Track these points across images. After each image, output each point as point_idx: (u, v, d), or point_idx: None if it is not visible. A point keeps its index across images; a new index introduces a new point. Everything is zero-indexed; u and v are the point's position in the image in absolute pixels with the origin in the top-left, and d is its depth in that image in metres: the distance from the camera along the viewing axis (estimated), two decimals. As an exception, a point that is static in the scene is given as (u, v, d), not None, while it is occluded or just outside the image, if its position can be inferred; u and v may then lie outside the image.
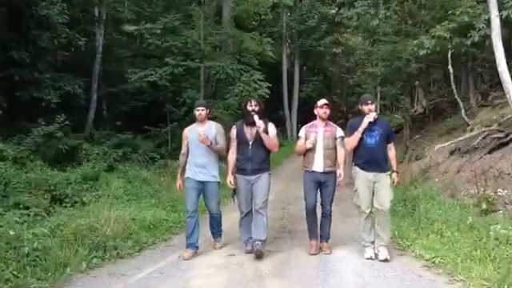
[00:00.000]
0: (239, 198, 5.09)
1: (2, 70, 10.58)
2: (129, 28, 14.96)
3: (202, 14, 13.67)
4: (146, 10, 16.47)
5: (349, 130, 4.92)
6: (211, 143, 5.00)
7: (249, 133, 4.97)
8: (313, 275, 4.33)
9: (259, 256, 4.82)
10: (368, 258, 4.79)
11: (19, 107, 11.00)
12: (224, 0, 15.99)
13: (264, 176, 4.99)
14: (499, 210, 5.83)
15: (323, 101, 5.14)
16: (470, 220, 5.25)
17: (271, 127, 5.07)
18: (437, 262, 4.51)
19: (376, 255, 4.80)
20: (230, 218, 5.89)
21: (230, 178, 5.08)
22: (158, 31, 12.58)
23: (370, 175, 4.79)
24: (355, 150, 4.87)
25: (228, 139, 5.23)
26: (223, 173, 5.29)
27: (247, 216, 5.09)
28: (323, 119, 5.04)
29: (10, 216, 4.94)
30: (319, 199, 5.11)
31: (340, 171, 4.96)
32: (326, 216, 5.13)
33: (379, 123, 4.89)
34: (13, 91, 10.79)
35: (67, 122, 10.04)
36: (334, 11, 27.33)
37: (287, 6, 23.63)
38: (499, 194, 6.03)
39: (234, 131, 5.11)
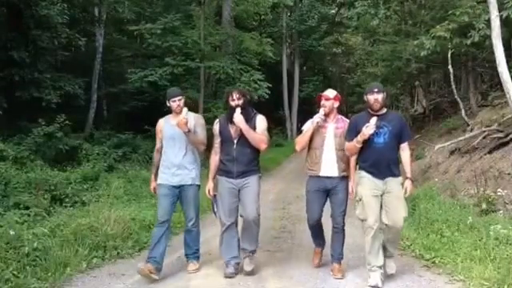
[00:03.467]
0: (221, 205, 4.26)
1: (2, 70, 10.60)
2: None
3: (202, 14, 13.67)
4: (146, 10, 16.49)
5: (349, 131, 4.10)
6: (189, 131, 4.20)
7: (233, 129, 4.22)
8: (313, 275, 4.32)
9: (250, 274, 4.24)
10: (373, 286, 3.94)
11: (19, 107, 11.01)
12: (224, 0, 16.00)
13: (252, 180, 4.23)
14: (499, 210, 5.84)
15: (326, 91, 4.40)
16: (470, 220, 5.25)
17: (260, 120, 4.26)
18: (437, 261, 4.51)
19: (383, 282, 4.00)
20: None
21: (209, 186, 4.34)
22: (158, 31, 12.58)
23: (379, 182, 3.95)
24: (360, 151, 4.04)
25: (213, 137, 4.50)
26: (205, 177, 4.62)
27: (230, 229, 4.26)
28: (325, 114, 4.26)
29: (10, 216, 4.95)
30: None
31: (350, 183, 4.27)
32: (338, 231, 4.32)
33: (389, 118, 4.02)
34: (13, 91, 10.80)
35: (67, 122, 10.06)
36: (334, 11, 27.39)
37: (287, 6, 23.64)
38: (499, 193, 6.04)
39: (216, 127, 4.36)
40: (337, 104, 4.32)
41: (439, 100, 16.00)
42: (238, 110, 4.14)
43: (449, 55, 10.17)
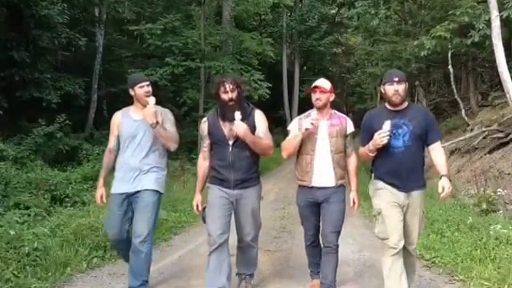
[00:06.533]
0: (210, 219, 3.42)
1: (2, 70, 10.59)
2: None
3: (202, 13, 13.69)
4: (146, 10, 16.50)
5: (362, 133, 3.27)
6: (157, 123, 3.43)
7: (227, 128, 3.39)
8: (313, 275, 4.30)
9: None
10: None
11: (19, 107, 11.01)
12: (224, 0, 16.01)
13: (252, 192, 3.50)
14: (499, 210, 5.85)
15: (318, 81, 3.54)
16: (470, 220, 5.27)
17: (259, 118, 3.46)
18: (437, 262, 4.51)
19: None
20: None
21: (196, 200, 3.57)
22: (158, 31, 12.60)
23: (402, 195, 3.13)
24: (375, 155, 3.17)
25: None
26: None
27: (220, 250, 3.38)
28: (319, 108, 3.49)
29: (10, 216, 4.95)
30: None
31: (353, 195, 3.58)
32: (330, 251, 3.53)
33: (410, 114, 3.12)
34: (13, 91, 10.79)
35: (67, 122, 10.06)
36: (334, 11, 27.39)
37: (287, 6, 23.64)
38: (499, 193, 6.05)
39: (204, 126, 3.53)
40: (332, 97, 3.53)
41: (439, 100, 16.03)
42: (238, 116, 3.25)
43: (449, 55, 10.19)
